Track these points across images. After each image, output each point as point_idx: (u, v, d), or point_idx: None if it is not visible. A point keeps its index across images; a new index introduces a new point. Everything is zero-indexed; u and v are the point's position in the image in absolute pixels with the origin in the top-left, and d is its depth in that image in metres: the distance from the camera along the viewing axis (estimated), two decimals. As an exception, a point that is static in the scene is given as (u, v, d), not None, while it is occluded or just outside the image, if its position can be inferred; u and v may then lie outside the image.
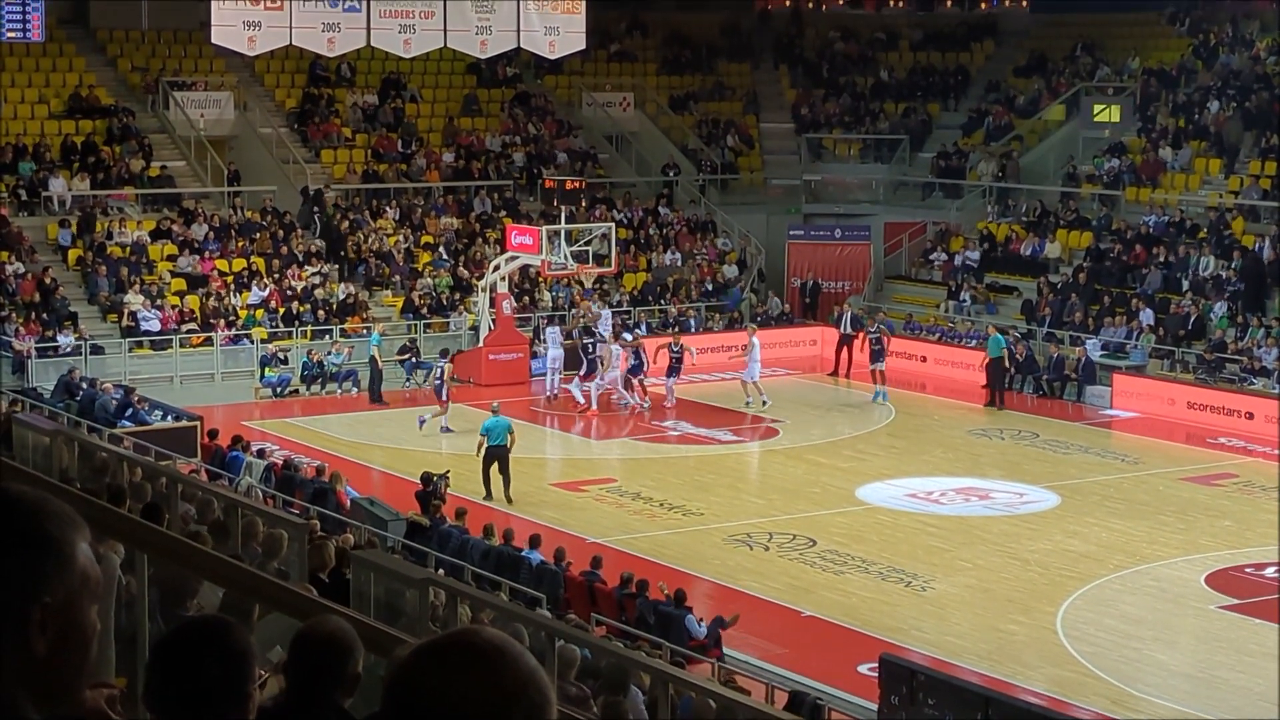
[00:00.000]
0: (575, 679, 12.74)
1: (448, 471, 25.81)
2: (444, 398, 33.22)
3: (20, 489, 2.74)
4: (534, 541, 22.30)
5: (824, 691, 18.45)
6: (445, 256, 43.33)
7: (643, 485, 29.69)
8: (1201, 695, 19.69)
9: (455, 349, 39.64)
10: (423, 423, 33.35)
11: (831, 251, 47.81)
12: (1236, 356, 37.04)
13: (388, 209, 44.70)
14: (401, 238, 43.56)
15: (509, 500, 27.74)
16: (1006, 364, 37.12)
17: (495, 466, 27.97)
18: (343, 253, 42.65)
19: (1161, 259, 41.51)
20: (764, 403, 35.62)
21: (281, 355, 37.62)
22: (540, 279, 41.99)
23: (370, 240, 43.04)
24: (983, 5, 59.01)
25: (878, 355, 37.44)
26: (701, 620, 20.04)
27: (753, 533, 26.58)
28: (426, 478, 25.18)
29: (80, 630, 2.72)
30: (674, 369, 36.33)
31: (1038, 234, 45.15)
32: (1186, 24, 50.98)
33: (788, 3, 58.47)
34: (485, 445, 28.12)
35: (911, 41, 56.48)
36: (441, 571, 19.22)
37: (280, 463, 27.07)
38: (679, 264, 45.79)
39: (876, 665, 17.72)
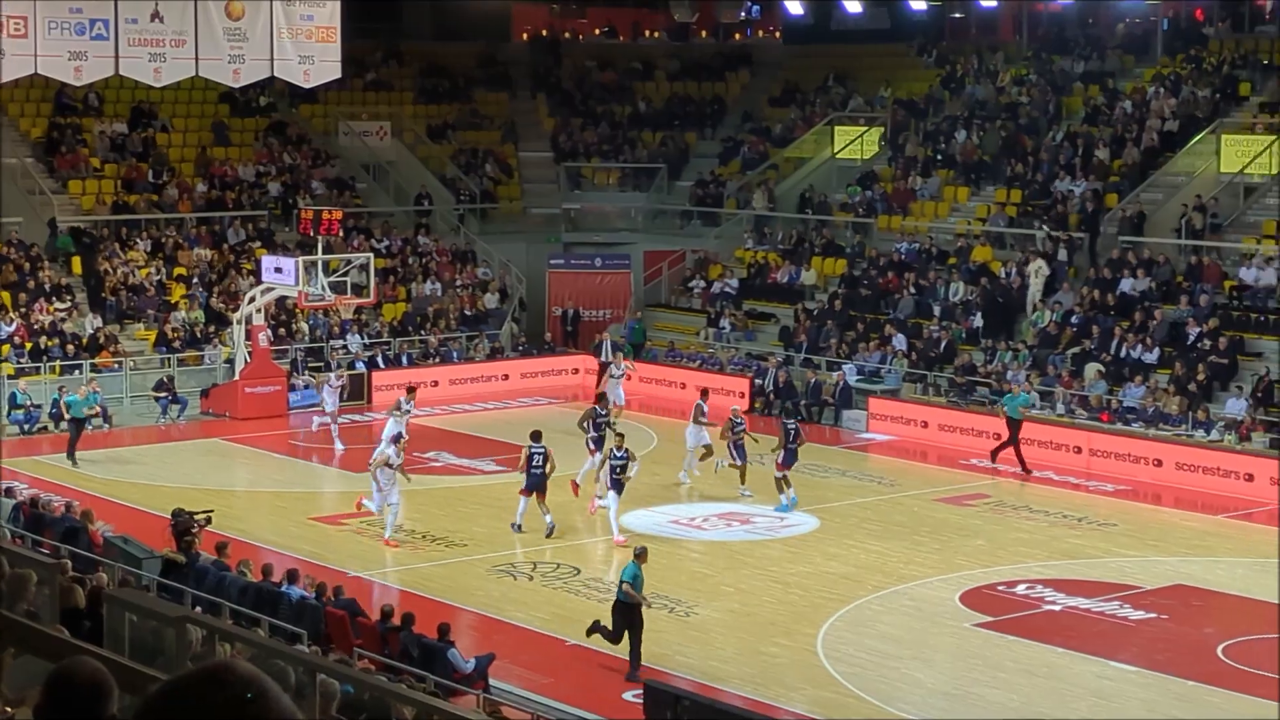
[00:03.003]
0: (337, 713, 12.52)
1: (210, 512, 25.20)
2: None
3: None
4: (292, 576, 21.95)
5: (590, 720, 18.41)
6: (199, 288, 42.56)
7: (405, 518, 29.38)
8: (958, 712, 20.03)
9: (211, 383, 39.02)
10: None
11: (592, 280, 47.98)
12: (986, 379, 37.95)
13: (138, 240, 43.77)
14: (153, 270, 42.68)
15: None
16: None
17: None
18: (93, 285, 41.66)
19: (913, 285, 42.39)
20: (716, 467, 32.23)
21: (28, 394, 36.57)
22: (297, 310, 41.45)
23: (120, 273, 42.10)
24: (737, 36, 59.82)
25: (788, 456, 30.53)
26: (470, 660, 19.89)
27: (516, 563, 26.50)
28: (178, 513, 24.56)
29: None
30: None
31: (794, 262, 45.82)
32: (934, 55, 52.22)
33: (545, 33, 58.65)
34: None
35: (668, 71, 57.01)
36: (199, 609, 18.82)
37: (28, 501, 26.27)
38: (439, 294, 45.56)
39: (641, 692, 17.73)
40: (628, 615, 21.10)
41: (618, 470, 27.85)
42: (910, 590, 25.22)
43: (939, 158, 47.50)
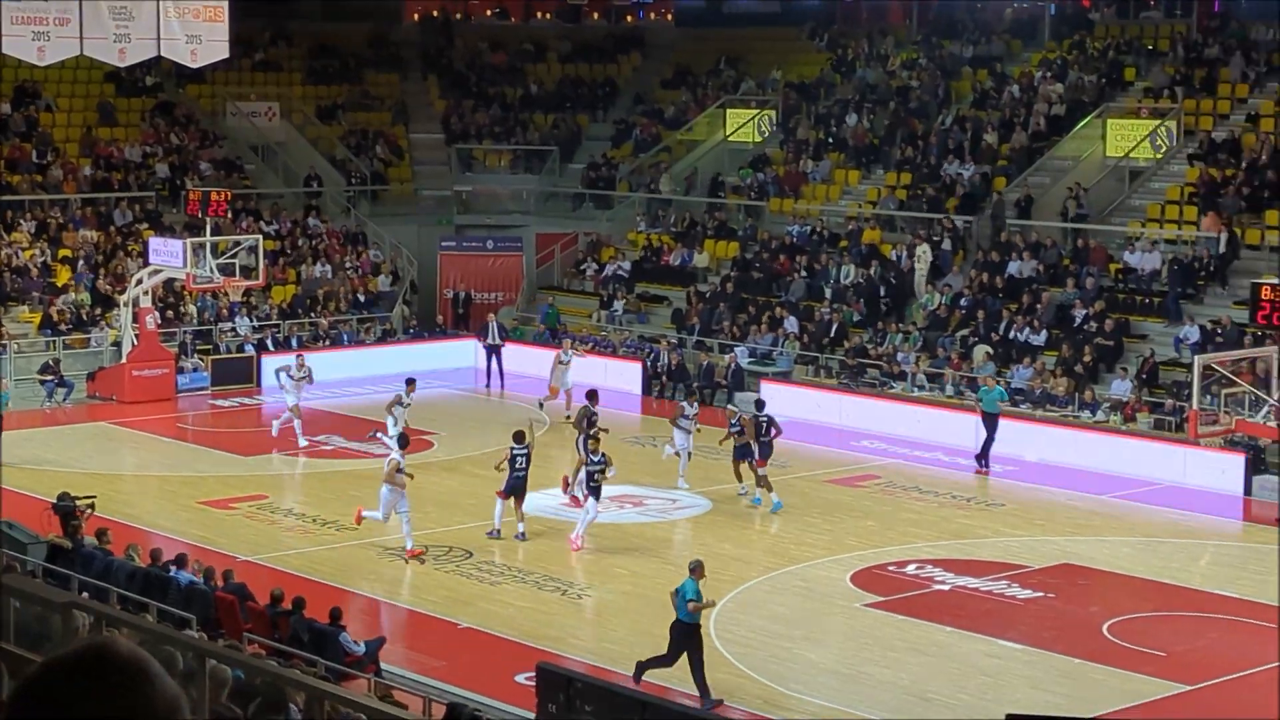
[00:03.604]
0: (228, 700, 12.42)
1: (93, 498, 24.89)
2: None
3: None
4: (181, 561, 21.74)
5: (482, 703, 18.39)
6: (85, 271, 42.01)
7: (296, 501, 29.21)
8: (849, 691, 20.18)
9: (98, 366, 38.57)
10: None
11: (484, 263, 47.82)
12: (877, 362, 38.22)
13: (22, 222, 43.13)
14: (38, 251, 42.08)
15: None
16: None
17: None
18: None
19: (804, 268, 42.60)
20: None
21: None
22: (185, 293, 41.03)
23: (4, 254, 41.48)
24: (629, 18, 59.81)
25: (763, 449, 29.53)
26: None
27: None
28: (62, 497, 24.24)
29: None
30: None
31: (686, 245, 45.91)
32: (825, 39, 52.47)
33: (436, 13, 58.34)
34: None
35: (560, 53, 56.90)
36: (86, 594, 18.60)
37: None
38: (329, 276, 45.24)
39: (534, 674, 17.73)
40: (688, 637, 19.58)
41: (595, 475, 26.21)
42: (801, 571, 25.38)
43: (830, 141, 47.73)
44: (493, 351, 40.86)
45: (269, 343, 41.29)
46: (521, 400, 37.77)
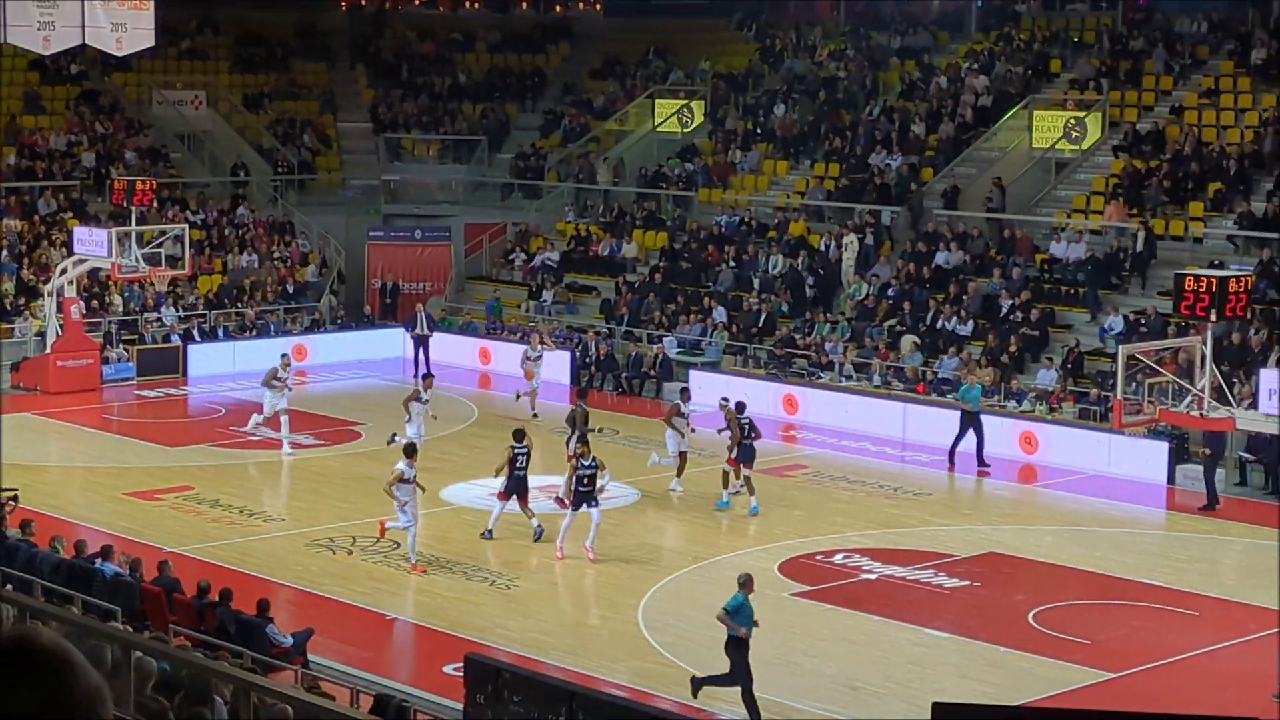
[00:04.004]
0: (153, 692, 12.35)
1: (15, 491, 24.68)
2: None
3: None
4: (106, 553, 21.58)
5: (410, 693, 18.34)
6: (9, 260, 41.59)
7: (222, 492, 29.06)
8: (778, 680, 20.24)
9: (22, 356, 38.26)
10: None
11: (412, 252, 47.67)
12: (805, 352, 38.35)
13: (-55, 211, 42.71)
14: (-39, 240, 41.67)
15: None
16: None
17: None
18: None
19: (733, 258, 42.68)
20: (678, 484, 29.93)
21: None
22: (110, 282, 40.71)
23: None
24: (558, 8, 59.72)
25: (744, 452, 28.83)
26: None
27: (336, 537, 26.30)
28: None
29: None
30: None
31: (615, 235, 45.91)
32: (754, 30, 52.57)
33: (364, 2, 58.11)
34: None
35: (488, 43, 56.77)
36: (10, 587, 18.43)
37: None
38: (256, 266, 44.99)
39: (462, 665, 17.70)
40: (742, 651, 18.92)
41: (585, 482, 24.88)
42: (730, 561, 25.42)
43: (758, 132, 47.84)
44: (421, 342, 40.77)
45: (195, 333, 41.05)
46: (451, 390, 37.66)
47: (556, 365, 39.27)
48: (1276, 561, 26.04)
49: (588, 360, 40.02)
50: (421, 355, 40.67)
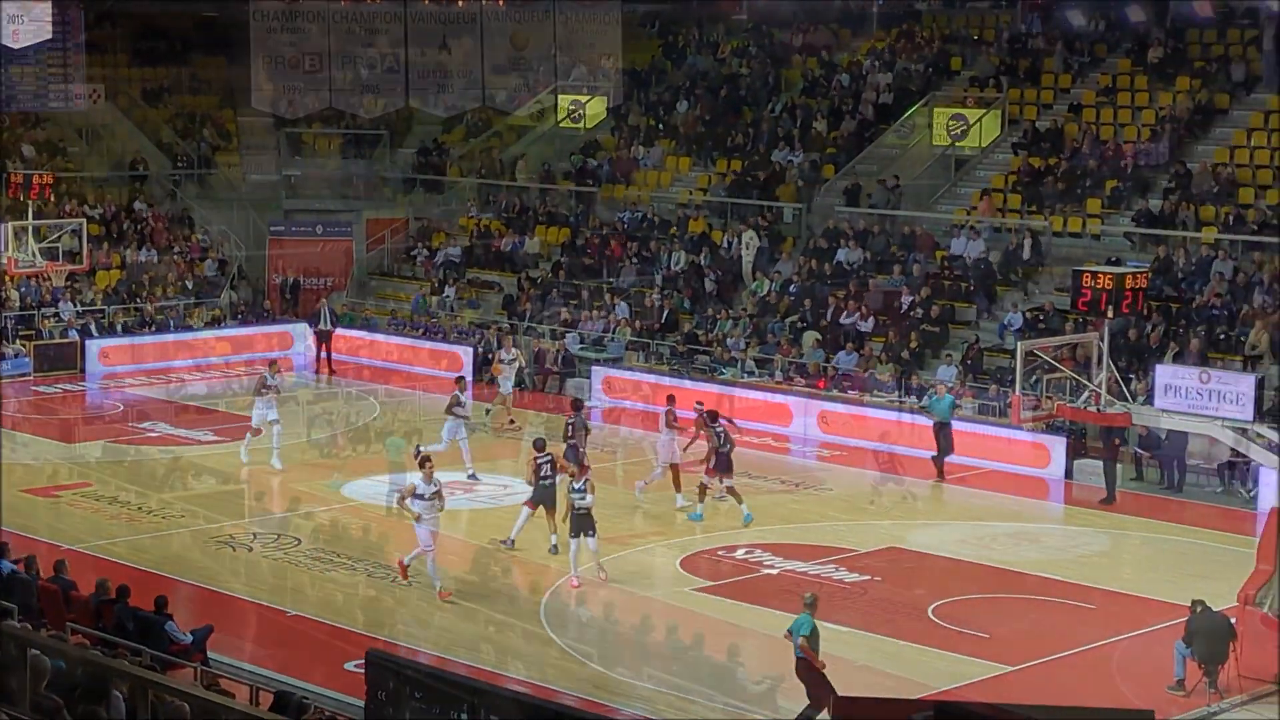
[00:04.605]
0: (48, 689, 12.23)
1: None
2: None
3: None
4: (1, 550, 21.30)
5: (311, 691, 18.24)
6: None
7: (120, 489, 28.77)
8: (679, 675, 20.30)
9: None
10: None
11: (313, 248, 47.34)
12: (707, 348, 38.44)
13: None
14: None
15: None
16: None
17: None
18: None
19: (635, 254, 42.72)
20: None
21: None
22: (6, 277, 40.19)
23: None
24: (461, 2, 59.44)
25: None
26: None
27: (236, 534, 26.11)
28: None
29: None
30: None
31: (517, 230, 45.83)
32: (656, 26, 52.61)
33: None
34: None
35: (392, 36, 56.39)
36: (-99, 586, 18.18)
37: None
38: (155, 261, 44.56)
39: (363, 662, 17.61)
40: (814, 674, 18.57)
41: (576, 503, 23.94)
42: (632, 556, 25.48)
43: (661, 128, 47.90)
44: (323, 337, 40.58)
45: (93, 328, 40.62)
46: (354, 386, 37.48)
47: (458, 363, 39.11)
48: (1172, 556, 26.46)
49: (490, 357, 39.84)
50: (324, 351, 40.50)
